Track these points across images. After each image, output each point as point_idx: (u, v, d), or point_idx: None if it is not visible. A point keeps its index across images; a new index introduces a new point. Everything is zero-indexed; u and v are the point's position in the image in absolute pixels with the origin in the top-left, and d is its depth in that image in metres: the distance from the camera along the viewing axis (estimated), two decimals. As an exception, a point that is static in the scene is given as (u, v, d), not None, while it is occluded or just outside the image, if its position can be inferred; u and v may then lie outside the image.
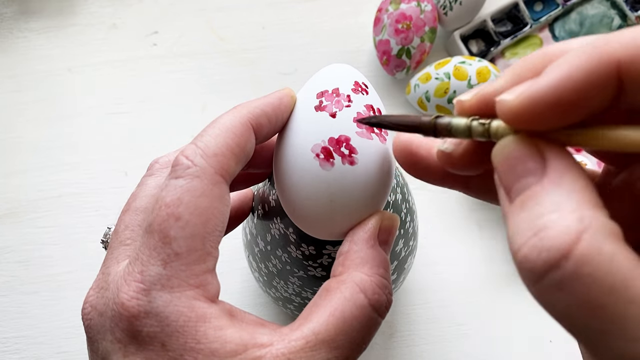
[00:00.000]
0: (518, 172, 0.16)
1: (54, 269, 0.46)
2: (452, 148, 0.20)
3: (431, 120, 0.19)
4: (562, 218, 0.14)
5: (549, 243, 0.14)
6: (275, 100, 0.24)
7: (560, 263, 0.14)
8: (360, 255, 0.23)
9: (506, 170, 0.17)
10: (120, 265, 0.22)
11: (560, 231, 0.14)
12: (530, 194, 0.16)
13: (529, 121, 0.16)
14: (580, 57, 0.15)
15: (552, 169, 0.16)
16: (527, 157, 0.16)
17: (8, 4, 0.54)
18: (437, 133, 0.19)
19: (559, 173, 0.16)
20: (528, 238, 0.15)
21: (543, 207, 0.15)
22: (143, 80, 0.52)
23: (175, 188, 0.21)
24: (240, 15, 0.54)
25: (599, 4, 0.52)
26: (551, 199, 0.15)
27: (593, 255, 0.14)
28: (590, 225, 0.14)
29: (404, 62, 0.48)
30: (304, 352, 0.20)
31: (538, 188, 0.16)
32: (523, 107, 0.16)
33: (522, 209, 0.16)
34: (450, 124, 0.18)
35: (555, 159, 0.16)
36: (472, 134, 0.18)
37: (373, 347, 0.44)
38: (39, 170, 0.49)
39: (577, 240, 0.14)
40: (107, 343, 0.20)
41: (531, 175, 0.16)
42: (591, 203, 0.15)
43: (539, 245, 0.14)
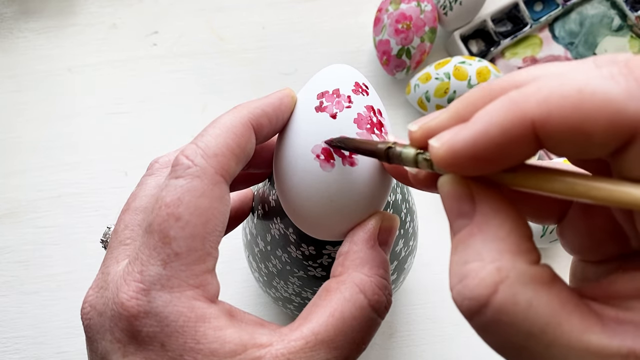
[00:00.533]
0: (455, 211, 0.17)
1: (54, 269, 0.46)
2: (416, 171, 0.20)
3: (385, 148, 0.20)
4: (482, 268, 0.15)
5: (469, 293, 0.15)
6: (275, 101, 0.24)
7: (480, 310, 0.15)
8: (360, 255, 0.23)
9: (446, 207, 0.18)
10: (119, 265, 0.22)
11: (478, 282, 0.15)
12: (460, 238, 0.17)
13: (455, 168, 0.17)
14: (499, 113, 0.15)
15: (478, 213, 0.17)
16: (461, 199, 0.17)
17: (8, 4, 0.54)
18: (390, 160, 0.20)
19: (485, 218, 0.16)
20: (455, 283, 0.16)
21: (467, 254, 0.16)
22: (143, 80, 0.52)
23: (175, 188, 0.21)
24: (240, 15, 0.54)
25: (599, 4, 0.52)
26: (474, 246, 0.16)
27: (509, 305, 0.15)
28: (507, 276, 0.15)
29: (404, 62, 0.48)
30: (303, 353, 0.20)
31: (466, 232, 0.17)
32: (447, 155, 0.16)
33: (455, 251, 0.17)
34: (401, 155, 0.19)
35: (484, 202, 0.17)
36: (418, 165, 0.19)
37: (373, 347, 0.44)
38: (38, 170, 0.49)
39: (494, 291, 0.15)
40: (107, 343, 0.20)
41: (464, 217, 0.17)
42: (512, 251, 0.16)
43: (462, 293, 0.16)
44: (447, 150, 0.16)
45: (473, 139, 0.15)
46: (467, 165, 0.16)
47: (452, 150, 0.16)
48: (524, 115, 0.15)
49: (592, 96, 0.14)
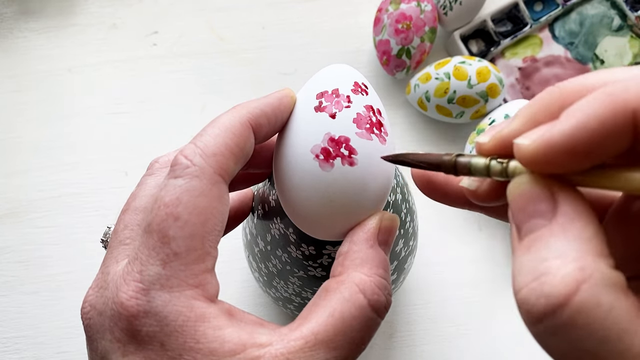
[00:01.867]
0: (529, 212, 0.17)
1: (53, 269, 0.46)
2: (476, 185, 0.20)
3: (451, 159, 0.19)
4: (564, 266, 0.15)
5: (548, 290, 0.15)
6: (274, 101, 0.24)
7: (557, 310, 0.14)
8: (359, 255, 0.23)
9: (518, 208, 0.17)
10: (119, 264, 0.22)
11: (560, 279, 0.15)
12: (538, 236, 0.16)
13: (545, 166, 0.16)
14: (596, 106, 0.15)
15: (561, 214, 0.16)
16: (539, 199, 0.17)
17: (8, 4, 0.54)
18: (457, 172, 0.19)
19: (568, 218, 0.16)
20: (529, 281, 0.15)
21: (547, 252, 0.15)
22: (143, 80, 0.52)
23: (174, 188, 0.21)
24: (240, 15, 0.54)
25: (599, 4, 0.52)
26: (556, 244, 0.15)
27: (590, 306, 0.14)
28: (591, 276, 0.14)
29: (404, 62, 0.48)
30: (302, 352, 0.20)
31: (546, 231, 0.16)
32: (539, 152, 0.16)
33: (528, 251, 0.16)
34: (470, 164, 0.19)
35: (567, 203, 0.16)
36: (490, 173, 0.18)
37: (373, 347, 0.44)
38: (39, 170, 0.49)
39: (576, 290, 0.14)
40: (106, 342, 0.20)
41: (541, 217, 0.16)
42: (596, 253, 0.15)
43: (538, 290, 0.15)
44: (539, 145, 0.16)
45: (570, 131, 0.15)
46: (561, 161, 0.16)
47: (546, 145, 0.16)
48: (625, 105, 0.14)
49: None
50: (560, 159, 0.16)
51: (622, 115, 0.15)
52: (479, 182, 0.20)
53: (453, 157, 0.19)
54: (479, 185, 0.20)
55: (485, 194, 0.20)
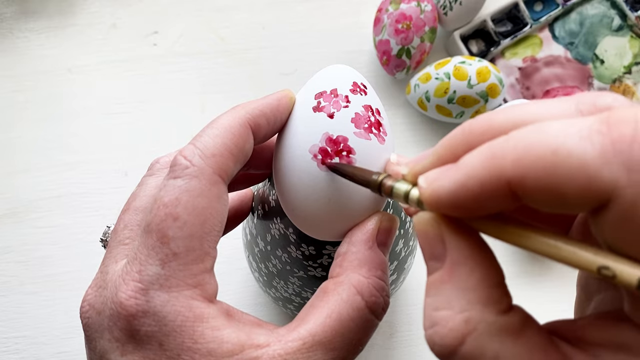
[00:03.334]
0: (427, 252, 0.18)
1: (53, 269, 0.46)
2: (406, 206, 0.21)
3: (377, 179, 0.21)
4: (451, 318, 0.16)
5: (439, 340, 0.16)
6: (273, 101, 0.24)
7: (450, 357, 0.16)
8: (357, 256, 0.23)
9: (421, 245, 0.18)
10: (118, 264, 0.22)
11: (447, 332, 0.16)
12: (432, 281, 0.17)
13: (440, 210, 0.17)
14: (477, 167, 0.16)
15: (449, 260, 0.17)
16: (433, 241, 0.18)
17: (8, 4, 0.54)
18: (381, 193, 0.21)
19: (454, 265, 0.17)
20: (427, 327, 0.17)
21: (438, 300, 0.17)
22: (143, 80, 0.52)
23: (173, 188, 0.21)
24: (240, 15, 0.54)
25: (599, 4, 0.52)
26: (445, 293, 0.17)
27: (475, 356, 0.15)
28: (475, 328, 0.16)
29: (404, 62, 0.48)
30: (300, 353, 0.20)
31: (437, 277, 0.17)
32: (431, 199, 0.17)
33: (427, 294, 0.17)
34: (393, 188, 0.20)
35: (454, 248, 0.17)
36: (408, 201, 0.19)
37: (373, 347, 0.44)
38: (39, 170, 0.49)
39: (462, 342, 0.16)
40: (105, 342, 0.20)
41: (435, 260, 0.18)
42: (482, 301, 0.16)
43: (433, 338, 0.16)
44: (431, 193, 0.17)
45: (454, 188, 0.16)
46: (448, 211, 0.17)
47: (436, 194, 0.17)
48: (501, 174, 0.15)
49: (567, 159, 0.14)
50: (448, 209, 0.17)
51: (498, 182, 0.15)
52: None
53: (381, 177, 0.21)
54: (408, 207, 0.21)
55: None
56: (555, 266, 0.46)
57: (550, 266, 0.46)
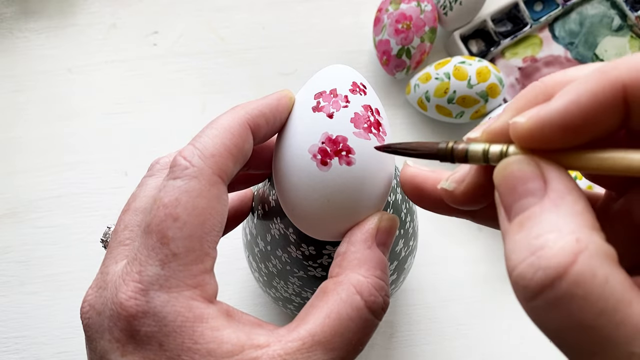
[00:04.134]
0: (519, 192, 0.17)
1: (53, 269, 0.46)
2: (455, 186, 0.20)
3: (448, 146, 0.19)
4: (560, 239, 0.15)
5: (546, 262, 0.15)
6: (273, 102, 0.24)
7: (554, 283, 0.14)
8: (357, 256, 0.23)
9: (507, 189, 0.17)
10: (118, 265, 0.22)
11: (557, 251, 0.15)
12: (530, 214, 0.16)
13: (540, 141, 0.17)
14: (588, 82, 0.15)
15: (552, 191, 0.16)
16: (528, 178, 0.17)
17: (8, 4, 0.54)
18: (454, 159, 0.19)
19: (560, 194, 0.16)
20: (525, 257, 0.15)
21: (541, 227, 0.15)
22: (143, 80, 0.52)
23: (173, 189, 0.21)
24: (240, 15, 0.54)
25: (599, 4, 0.51)
26: (550, 219, 0.16)
27: (587, 277, 0.14)
28: (587, 247, 0.15)
29: (404, 62, 0.48)
30: (300, 354, 0.20)
31: (537, 208, 0.16)
32: (534, 128, 0.16)
33: (521, 229, 0.16)
34: (468, 150, 0.19)
35: (557, 180, 0.16)
36: (489, 158, 0.18)
37: (373, 347, 0.44)
38: (39, 170, 0.49)
39: (573, 261, 0.14)
40: (105, 342, 0.20)
41: (531, 195, 0.16)
42: (589, 226, 0.15)
43: (535, 264, 0.15)
44: (535, 121, 0.16)
45: (564, 107, 0.16)
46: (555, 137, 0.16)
47: (542, 120, 0.16)
48: (616, 79, 0.15)
49: None
50: (555, 134, 0.16)
51: (612, 89, 0.15)
52: (458, 184, 0.20)
53: (450, 144, 0.19)
54: (457, 187, 0.20)
55: (463, 195, 0.20)
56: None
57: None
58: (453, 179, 0.21)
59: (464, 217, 0.23)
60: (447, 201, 0.21)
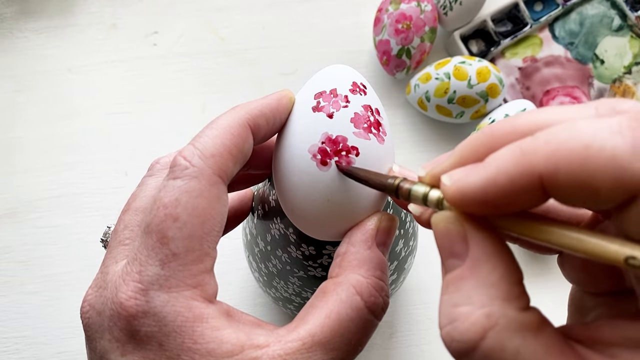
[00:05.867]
0: (447, 250, 0.18)
1: (53, 269, 0.46)
2: (420, 211, 0.21)
3: (394, 183, 0.21)
4: (472, 313, 0.16)
5: (459, 336, 0.16)
6: (273, 102, 0.24)
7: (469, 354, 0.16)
8: (357, 257, 0.23)
9: (439, 244, 0.18)
10: (118, 265, 0.22)
11: (468, 326, 0.16)
12: (451, 279, 0.17)
13: (464, 208, 0.17)
14: (508, 163, 0.16)
15: (470, 258, 0.17)
16: (453, 239, 0.17)
17: (8, 4, 0.54)
18: (398, 196, 0.20)
19: (477, 262, 0.17)
20: (445, 324, 0.16)
21: (458, 296, 0.16)
22: (143, 80, 0.52)
23: (173, 189, 0.21)
24: (240, 15, 0.54)
25: (599, 4, 0.51)
26: (466, 289, 0.16)
27: (497, 351, 0.15)
28: (497, 323, 0.15)
29: (404, 62, 0.48)
30: (300, 354, 0.20)
31: (458, 274, 0.17)
32: (457, 195, 0.17)
33: (445, 291, 0.17)
34: (411, 191, 0.20)
35: (477, 246, 0.17)
36: (427, 203, 0.19)
37: (373, 347, 0.44)
38: (39, 170, 0.49)
39: (483, 337, 0.15)
40: (105, 342, 0.20)
41: (456, 257, 0.17)
42: (503, 297, 0.16)
43: (451, 335, 0.16)
44: (457, 189, 0.17)
45: (482, 184, 0.16)
46: (474, 208, 0.17)
47: (461, 191, 0.17)
48: (533, 169, 0.15)
49: (599, 152, 0.14)
50: (475, 205, 0.17)
51: (529, 177, 0.15)
52: (423, 209, 0.21)
53: (397, 181, 0.20)
54: (422, 212, 0.21)
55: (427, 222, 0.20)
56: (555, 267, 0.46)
57: (551, 266, 0.46)
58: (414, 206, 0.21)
59: None
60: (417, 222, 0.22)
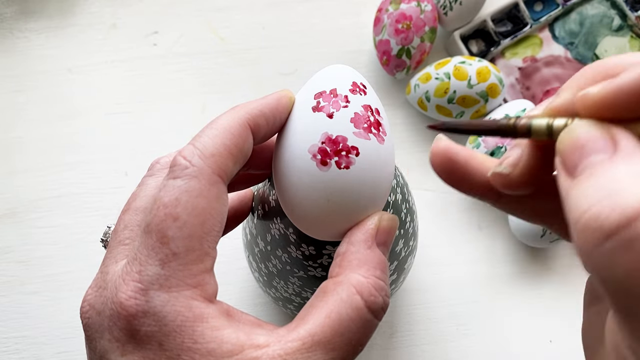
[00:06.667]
0: (587, 150, 0.16)
1: (54, 269, 0.46)
2: (510, 170, 0.20)
3: (510, 122, 0.19)
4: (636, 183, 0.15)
5: (624, 201, 0.14)
6: (273, 101, 0.24)
7: (631, 222, 0.14)
8: (357, 256, 0.23)
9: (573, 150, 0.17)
10: (118, 264, 0.22)
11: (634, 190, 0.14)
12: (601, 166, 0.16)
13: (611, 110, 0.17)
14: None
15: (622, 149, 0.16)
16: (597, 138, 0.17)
17: (8, 4, 0.54)
18: (517, 134, 0.19)
19: (629, 152, 0.16)
20: (600, 198, 0.15)
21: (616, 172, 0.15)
22: (143, 80, 0.52)
23: (173, 188, 0.21)
24: (240, 15, 0.54)
25: (599, 4, 0.51)
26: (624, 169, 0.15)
27: None
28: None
29: (404, 62, 0.48)
30: (300, 354, 0.20)
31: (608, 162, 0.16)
32: (608, 96, 0.16)
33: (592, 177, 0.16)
34: (531, 125, 0.19)
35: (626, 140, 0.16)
36: (552, 132, 0.18)
37: (373, 347, 0.44)
38: (39, 170, 0.49)
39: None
40: (105, 342, 0.20)
41: (602, 152, 0.16)
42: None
43: (612, 204, 0.14)
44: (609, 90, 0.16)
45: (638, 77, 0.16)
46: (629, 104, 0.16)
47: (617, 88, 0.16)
48: None
49: None
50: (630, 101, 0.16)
51: None
52: (512, 167, 0.20)
53: (512, 120, 0.19)
54: (512, 170, 0.20)
55: (518, 179, 0.20)
56: (555, 266, 0.46)
57: (550, 266, 0.46)
58: (507, 162, 0.20)
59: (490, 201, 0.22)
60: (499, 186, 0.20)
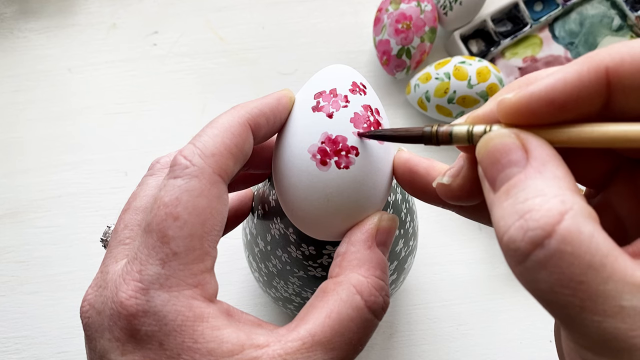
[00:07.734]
0: (502, 163, 0.18)
1: (54, 269, 0.46)
2: (450, 180, 0.21)
3: (432, 129, 0.20)
4: (546, 201, 0.16)
5: (534, 224, 0.15)
6: (273, 101, 0.24)
7: (544, 242, 0.15)
8: (357, 256, 0.23)
9: (490, 162, 0.18)
10: (118, 264, 0.22)
11: (544, 212, 0.15)
12: (515, 182, 0.17)
13: (525, 116, 0.18)
14: (573, 65, 0.17)
15: (534, 159, 0.17)
16: (510, 149, 0.18)
17: (8, 4, 0.54)
18: (439, 141, 0.20)
19: (541, 162, 0.17)
20: (514, 220, 0.16)
21: (527, 192, 0.16)
22: (143, 80, 0.52)
23: (173, 188, 0.21)
24: (240, 15, 0.54)
25: (599, 4, 0.52)
26: (535, 185, 0.16)
27: (574, 234, 0.15)
28: (572, 207, 0.15)
29: (404, 62, 0.48)
30: (300, 354, 0.20)
31: (522, 176, 0.17)
32: (521, 102, 0.17)
33: (508, 196, 0.17)
34: (452, 132, 0.19)
35: (538, 150, 0.17)
36: (472, 139, 0.19)
37: (373, 347, 0.44)
38: (39, 170, 0.49)
39: (560, 220, 0.15)
40: (105, 341, 0.20)
41: (515, 165, 0.17)
42: (571, 189, 0.16)
43: (524, 227, 0.16)
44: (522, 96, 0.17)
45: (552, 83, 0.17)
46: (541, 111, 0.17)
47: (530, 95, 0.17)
48: (600, 62, 0.16)
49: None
50: (541, 108, 0.17)
51: (596, 71, 0.16)
52: (453, 178, 0.21)
53: (435, 127, 0.20)
54: (453, 181, 0.21)
55: (459, 190, 0.21)
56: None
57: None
58: (449, 173, 0.21)
59: (453, 209, 0.24)
60: (444, 197, 0.22)
